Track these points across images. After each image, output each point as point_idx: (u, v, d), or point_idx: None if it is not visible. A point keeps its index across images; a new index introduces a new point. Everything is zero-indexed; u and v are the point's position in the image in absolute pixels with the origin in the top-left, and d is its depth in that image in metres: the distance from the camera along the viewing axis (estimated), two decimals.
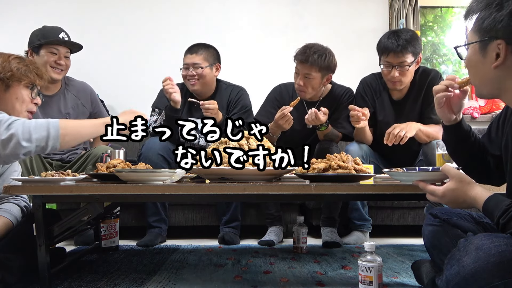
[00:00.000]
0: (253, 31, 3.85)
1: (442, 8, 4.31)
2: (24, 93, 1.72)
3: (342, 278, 1.74)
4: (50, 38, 2.44)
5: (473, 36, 1.13)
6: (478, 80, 1.17)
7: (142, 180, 1.56)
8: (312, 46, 2.46)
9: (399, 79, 2.34)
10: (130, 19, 3.79)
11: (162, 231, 2.51)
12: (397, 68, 2.31)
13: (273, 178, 1.66)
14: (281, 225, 2.59)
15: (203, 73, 2.59)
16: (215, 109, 2.46)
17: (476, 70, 1.16)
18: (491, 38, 1.08)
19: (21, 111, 1.72)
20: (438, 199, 1.22)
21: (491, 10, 1.07)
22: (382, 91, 2.51)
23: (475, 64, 1.15)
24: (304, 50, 2.46)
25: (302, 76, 2.47)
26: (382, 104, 2.49)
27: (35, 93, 1.77)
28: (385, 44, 2.32)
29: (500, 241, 0.97)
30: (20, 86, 1.70)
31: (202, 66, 2.58)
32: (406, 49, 2.27)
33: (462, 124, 1.35)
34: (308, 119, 2.34)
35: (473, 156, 1.37)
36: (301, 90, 2.51)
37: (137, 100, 3.27)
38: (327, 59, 2.44)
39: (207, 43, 2.69)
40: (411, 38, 2.29)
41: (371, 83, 2.54)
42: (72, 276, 1.76)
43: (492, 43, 1.08)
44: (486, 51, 1.10)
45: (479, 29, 1.10)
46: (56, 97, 2.54)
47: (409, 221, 2.70)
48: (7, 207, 1.72)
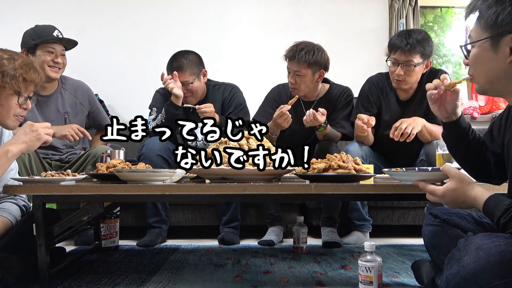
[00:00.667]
0: (253, 31, 3.85)
1: (442, 8, 4.31)
2: (10, 99, 1.63)
3: (342, 278, 1.74)
4: (45, 37, 2.42)
5: (482, 33, 1.10)
6: (486, 78, 1.14)
7: (142, 180, 1.56)
8: (300, 44, 2.48)
9: (404, 78, 2.32)
10: (130, 19, 3.79)
11: (163, 231, 2.51)
12: (403, 66, 2.30)
13: (273, 178, 1.66)
14: (281, 225, 2.59)
15: (193, 88, 2.55)
16: (211, 112, 2.46)
17: (485, 67, 1.13)
18: (503, 33, 1.06)
19: (7, 117, 1.65)
20: (438, 199, 1.22)
21: (505, 4, 1.05)
22: (389, 92, 2.49)
23: (484, 61, 1.12)
24: (292, 48, 2.47)
25: (293, 74, 2.48)
26: (389, 104, 2.48)
27: (23, 99, 1.67)
28: (394, 41, 2.32)
29: (500, 241, 0.97)
30: (4, 94, 1.62)
31: (191, 82, 2.53)
32: (414, 48, 2.25)
33: (460, 122, 1.34)
34: (307, 120, 2.34)
35: (472, 153, 1.36)
36: (294, 88, 2.52)
37: (137, 100, 3.27)
38: (315, 56, 2.44)
39: (186, 50, 2.59)
40: (422, 39, 2.27)
41: (377, 82, 2.53)
42: (72, 276, 1.76)
43: (505, 38, 1.06)
44: (498, 46, 1.07)
45: (489, 25, 1.08)
46: (53, 96, 2.53)
47: (409, 221, 2.70)
48: (6, 207, 1.71)
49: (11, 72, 1.60)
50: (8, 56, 1.63)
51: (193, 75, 2.54)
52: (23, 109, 1.68)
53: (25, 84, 1.64)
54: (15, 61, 1.63)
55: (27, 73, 1.64)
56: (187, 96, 2.56)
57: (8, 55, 1.64)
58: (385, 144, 2.46)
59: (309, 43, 2.50)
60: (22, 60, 1.66)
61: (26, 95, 1.67)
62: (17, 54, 1.67)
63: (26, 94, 1.67)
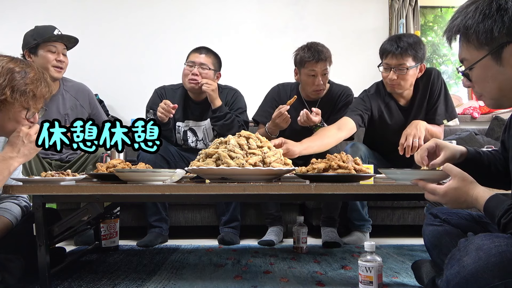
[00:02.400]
0: (253, 31, 3.85)
1: (442, 8, 4.31)
2: (19, 115, 1.59)
3: (342, 278, 1.74)
4: (46, 35, 2.42)
5: (479, 52, 1.10)
6: (499, 91, 1.12)
7: (142, 180, 1.56)
8: (317, 44, 2.51)
9: (398, 82, 2.32)
10: (130, 19, 3.80)
11: (163, 231, 2.51)
12: (395, 70, 2.29)
13: (273, 178, 1.66)
14: (281, 225, 2.59)
15: (207, 75, 2.60)
16: (213, 86, 2.52)
17: (495, 82, 1.11)
18: (503, 44, 1.05)
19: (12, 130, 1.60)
20: (438, 198, 1.19)
21: (494, 17, 1.05)
22: (389, 100, 2.48)
23: (493, 77, 1.10)
24: (314, 50, 2.48)
25: (321, 74, 2.50)
26: (390, 110, 2.47)
27: (31, 114, 1.62)
28: (385, 46, 2.32)
29: (500, 241, 0.96)
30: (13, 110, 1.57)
31: (210, 67, 2.60)
32: (406, 52, 2.24)
33: (470, 157, 1.32)
34: (300, 121, 2.35)
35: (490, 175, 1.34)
36: (321, 89, 2.56)
37: (137, 100, 3.28)
38: (329, 53, 2.53)
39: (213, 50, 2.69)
40: (413, 43, 2.26)
41: (376, 92, 2.50)
42: (72, 276, 1.76)
43: (506, 49, 1.05)
44: (502, 58, 1.07)
45: (485, 41, 1.07)
46: (54, 97, 2.52)
47: (409, 221, 2.70)
48: (7, 207, 1.71)
49: (21, 87, 1.54)
50: (19, 69, 1.56)
51: (213, 65, 2.63)
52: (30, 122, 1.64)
53: (34, 101, 1.60)
54: (27, 74, 1.57)
55: (37, 88, 1.59)
56: (196, 80, 2.58)
57: (20, 67, 1.57)
58: (384, 144, 2.48)
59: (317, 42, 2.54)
60: (34, 73, 1.60)
61: (36, 110, 1.64)
62: (29, 66, 1.60)
63: (35, 109, 1.64)
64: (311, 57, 2.46)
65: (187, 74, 2.60)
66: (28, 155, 1.56)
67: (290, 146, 1.99)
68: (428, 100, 2.41)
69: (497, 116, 3.28)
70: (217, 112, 2.55)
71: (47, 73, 1.74)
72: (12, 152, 1.53)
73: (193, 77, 2.58)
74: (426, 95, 2.40)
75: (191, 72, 2.58)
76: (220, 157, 1.57)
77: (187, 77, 2.60)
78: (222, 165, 1.55)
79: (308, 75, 2.52)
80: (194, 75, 2.58)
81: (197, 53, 2.61)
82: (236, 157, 1.56)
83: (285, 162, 1.66)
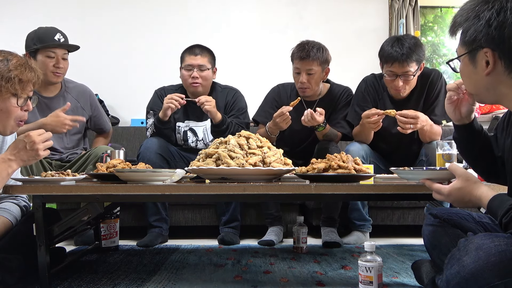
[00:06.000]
0: (253, 31, 3.85)
1: (442, 8, 4.31)
2: (9, 103, 1.57)
3: (342, 278, 1.74)
4: (46, 41, 2.40)
5: (461, 49, 1.17)
6: (475, 89, 1.19)
7: (142, 180, 1.56)
8: (308, 42, 2.50)
9: (403, 87, 2.32)
10: (130, 19, 3.80)
11: (163, 231, 2.50)
12: (401, 77, 2.29)
13: (273, 178, 1.66)
14: (281, 225, 2.59)
15: (207, 76, 2.59)
16: (212, 106, 2.46)
17: (470, 80, 1.18)
18: (476, 48, 1.10)
19: (8, 122, 1.60)
20: (444, 197, 1.23)
21: (471, 22, 1.10)
22: (383, 92, 2.49)
23: (468, 75, 1.18)
24: (302, 47, 2.47)
25: (305, 73, 2.48)
26: (384, 105, 2.48)
27: (23, 100, 1.60)
28: (389, 53, 2.26)
29: (500, 240, 0.97)
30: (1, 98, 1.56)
31: (208, 67, 2.59)
32: (410, 58, 2.23)
33: (473, 124, 1.36)
34: (304, 120, 2.35)
35: (483, 154, 1.37)
36: (305, 87, 2.52)
37: (137, 100, 3.28)
38: (324, 52, 2.50)
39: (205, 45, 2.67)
40: (414, 46, 2.25)
41: (373, 82, 2.52)
42: (72, 276, 1.76)
43: (479, 53, 1.10)
44: (476, 60, 1.12)
45: (465, 42, 1.14)
46: (56, 99, 2.52)
47: (409, 221, 2.70)
48: (7, 207, 1.71)
49: (5, 74, 1.55)
50: (2, 58, 1.57)
51: (210, 63, 2.61)
52: (24, 111, 1.64)
53: (21, 85, 1.59)
54: (9, 61, 1.57)
55: (22, 74, 1.58)
56: (198, 83, 2.58)
57: (2, 56, 1.58)
58: (383, 144, 2.47)
59: (314, 41, 2.53)
60: (17, 60, 1.60)
61: (25, 96, 1.63)
62: (10, 54, 1.61)
63: (25, 95, 1.63)
64: (297, 54, 2.47)
65: (187, 78, 2.59)
66: (26, 162, 1.55)
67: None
68: (425, 98, 2.40)
69: (497, 116, 3.28)
70: (218, 127, 2.54)
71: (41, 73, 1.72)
72: (11, 154, 1.54)
73: (194, 80, 2.57)
74: (423, 92, 2.40)
75: (190, 76, 2.57)
76: (220, 157, 1.57)
77: (188, 81, 2.59)
78: (222, 165, 1.55)
79: (294, 72, 2.54)
80: (196, 79, 2.57)
81: (192, 55, 2.58)
82: (236, 157, 1.56)
83: (285, 162, 1.66)
